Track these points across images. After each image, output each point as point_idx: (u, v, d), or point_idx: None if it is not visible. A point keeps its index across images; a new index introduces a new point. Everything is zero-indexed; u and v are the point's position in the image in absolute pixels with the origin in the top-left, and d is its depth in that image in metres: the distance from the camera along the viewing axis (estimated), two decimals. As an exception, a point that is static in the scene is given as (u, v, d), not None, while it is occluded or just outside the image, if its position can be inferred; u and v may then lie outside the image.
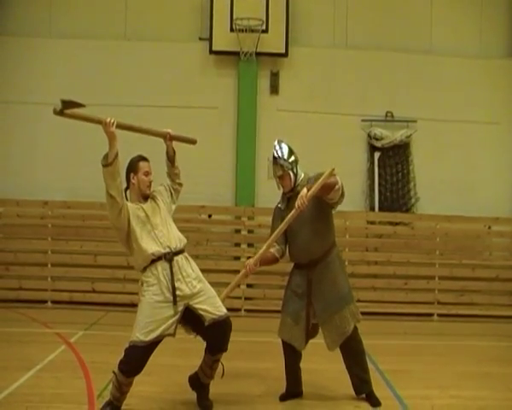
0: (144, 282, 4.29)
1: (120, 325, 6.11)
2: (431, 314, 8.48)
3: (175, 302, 4.23)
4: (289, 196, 4.68)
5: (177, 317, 4.26)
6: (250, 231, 8.64)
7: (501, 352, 6.76)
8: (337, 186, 4.36)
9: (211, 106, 8.90)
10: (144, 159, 4.55)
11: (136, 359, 4.20)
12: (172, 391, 4.94)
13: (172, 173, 4.83)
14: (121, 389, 4.29)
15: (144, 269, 4.29)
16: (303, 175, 4.69)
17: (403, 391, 5.08)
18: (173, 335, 4.30)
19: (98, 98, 8.66)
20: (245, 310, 8.41)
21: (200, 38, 8.88)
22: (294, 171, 4.64)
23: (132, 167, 4.49)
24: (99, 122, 4.30)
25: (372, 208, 8.81)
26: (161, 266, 4.27)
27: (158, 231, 4.34)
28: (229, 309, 8.27)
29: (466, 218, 8.64)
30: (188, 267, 4.41)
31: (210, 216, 8.61)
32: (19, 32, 8.82)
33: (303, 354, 4.81)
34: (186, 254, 4.46)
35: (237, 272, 8.38)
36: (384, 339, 7.08)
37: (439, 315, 8.47)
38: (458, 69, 9.04)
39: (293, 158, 4.68)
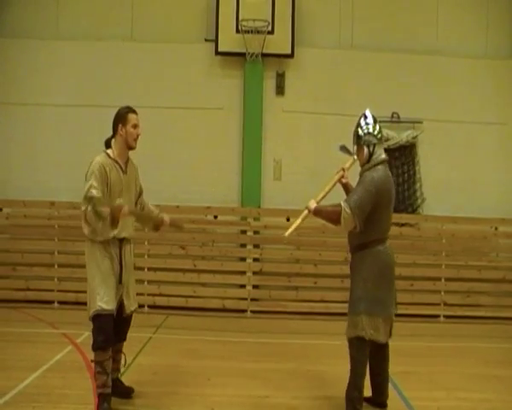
0: (97, 254, 4.36)
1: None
2: (437, 316, 8.45)
3: (120, 281, 4.41)
4: (360, 173, 4.55)
5: (118, 298, 4.41)
6: (256, 232, 8.64)
7: (508, 354, 6.72)
8: (339, 225, 4.35)
9: (217, 107, 8.91)
10: (133, 111, 4.54)
11: (104, 326, 4.27)
12: (178, 391, 4.95)
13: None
14: (105, 369, 4.32)
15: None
16: (381, 157, 4.49)
17: (409, 393, 5.07)
18: (114, 315, 4.39)
19: (104, 99, 8.72)
20: (251, 311, 8.40)
21: (206, 40, 8.89)
22: (371, 150, 4.51)
23: (121, 118, 4.47)
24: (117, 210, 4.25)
25: (378, 209, 8.78)
26: (114, 245, 4.40)
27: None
28: (235, 310, 8.46)
29: (472, 219, 8.61)
30: (129, 253, 4.55)
31: (216, 217, 8.61)
32: (27, 35, 8.83)
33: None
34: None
35: (243, 273, 8.50)
36: (390, 341, 7.05)
37: (446, 317, 8.44)
38: (464, 70, 9.00)
39: (374, 135, 4.51)
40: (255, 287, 8.55)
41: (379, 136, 4.55)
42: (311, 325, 7.87)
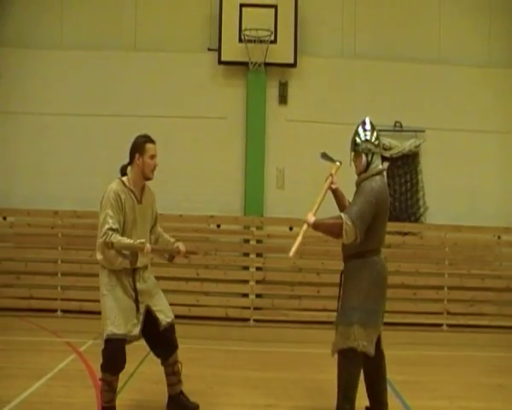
0: (108, 281, 4.31)
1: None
2: (440, 325, 8.43)
3: (138, 309, 4.33)
4: (356, 182, 4.50)
5: (140, 318, 4.35)
6: (259, 241, 8.65)
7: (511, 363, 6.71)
8: (342, 239, 4.30)
9: (220, 116, 8.94)
10: (152, 141, 4.45)
11: (115, 352, 4.24)
12: (181, 401, 4.95)
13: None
14: (113, 387, 4.32)
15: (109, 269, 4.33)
16: (379, 167, 4.45)
17: (412, 402, 5.07)
18: (138, 338, 4.39)
19: (107, 109, 8.81)
20: (254, 320, 8.40)
21: (209, 49, 8.93)
22: (369, 159, 4.43)
23: (138, 148, 4.38)
24: (139, 250, 4.15)
25: (381, 218, 8.79)
26: (127, 274, 4.34)
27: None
28: (237, 319, 8.47)
29: (475, 227, 8.60)
30: (143, 278, 4.47)
31: (219, 226, 8.63)
32: (31, 44, 8.90)
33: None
34: None
35: (246, 281, 8.51)
36: (393, 349, 6.99)
37: (449, 325, 8.42)
38: (467, 79, 9.02)
39: (372, 142, 4.45)
40: (258, 296, 8.56)
41: (376, 143, 4.48)
42: (314, 334, 7.86)
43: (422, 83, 9.00)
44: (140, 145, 4.39)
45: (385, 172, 4.61)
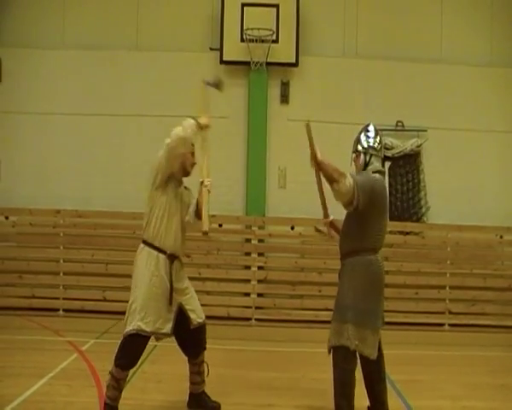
0: (146, 272, 4.30)
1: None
2: (442, 324, 8.43)
3: (170, 302, 4.33)
4: None
5: (172, 315, 4.35)
6: (260, 241, 8.65)
7: (513, 362, 6.72)
8: (335, 187, 4.26)
9: (221, 115, 8.88)
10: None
11: (136, 348, 4.25)
12: (183, 400, 4.94)
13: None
14: (119, 386, 4.31)
15: (152, 248, 4.35)
16: (378, 168, 4.51)
17: (414, 402, 5.06)
18: (170, 335, 4.39)
19: (108, 108, 8.82)
20: (255, 319, 8.41)
21: (211, 48, 8.93)
22: (367, 159, 4.51)
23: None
24: None
25: (382, 218, 8.78)
26: (165, 263, 4.36)
27: (176, 230, 4.47)
28: (239, 318, 8.47)
29: (477, 227, 8.60)
30: (181, 270, 4.54)
31: (220, 225, 8.63)
32: (33, 44, 8.91)
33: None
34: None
35: (248, 281, 8.50)
36: (395, 349, 7.01)
37: (451, 325, 8.42)
38: (469, 78, 9.02)
39: (374, 147, 4.52)
40: (260, 295, 8.56)
41: (378, 147, 4.53)
42: (316, 333, 7.84)
43: (424, 82, 9.00)
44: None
45: (385, 173, 4.61)
